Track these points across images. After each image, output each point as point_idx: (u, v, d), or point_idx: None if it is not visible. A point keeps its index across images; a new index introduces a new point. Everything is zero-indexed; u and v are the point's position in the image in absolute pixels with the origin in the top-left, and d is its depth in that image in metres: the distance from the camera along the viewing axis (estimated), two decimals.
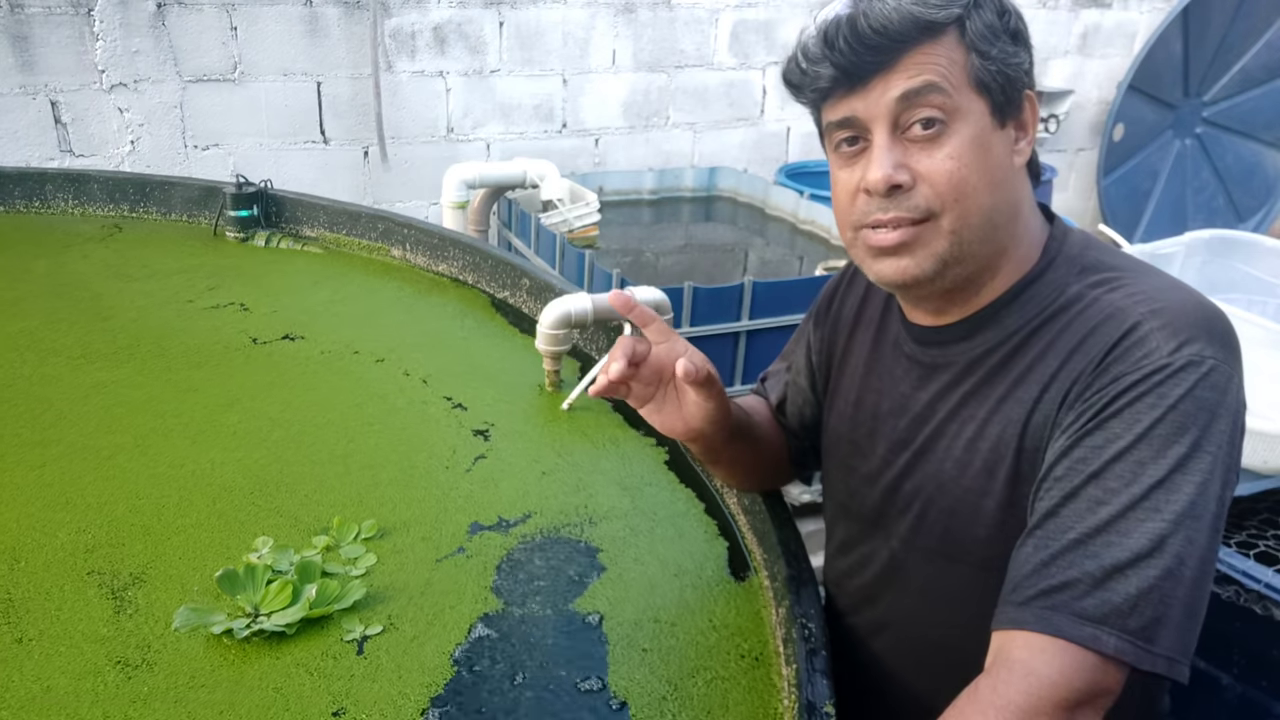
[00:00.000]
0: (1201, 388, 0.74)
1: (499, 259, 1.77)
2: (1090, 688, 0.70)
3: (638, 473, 1.25)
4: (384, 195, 3.34)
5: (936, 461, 0.90)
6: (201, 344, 1.50)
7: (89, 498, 1.09)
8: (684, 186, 3.52)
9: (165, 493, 1.10)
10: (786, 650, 0.92)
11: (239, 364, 1.43)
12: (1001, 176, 0.83)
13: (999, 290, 0.87)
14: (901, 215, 0.82)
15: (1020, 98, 0.84)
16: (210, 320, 1.59)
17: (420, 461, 1.20)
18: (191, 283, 1.76)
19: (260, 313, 1.63)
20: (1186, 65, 4.60)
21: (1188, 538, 0.71)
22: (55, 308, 1.62)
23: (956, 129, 0.80)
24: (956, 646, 0.91)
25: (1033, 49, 0.86)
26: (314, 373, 1.42)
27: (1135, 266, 0.85)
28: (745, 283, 2.28)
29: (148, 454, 1.16)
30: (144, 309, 1.63)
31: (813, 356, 1.09)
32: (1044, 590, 0.73)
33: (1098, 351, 0.78)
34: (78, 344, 1.47)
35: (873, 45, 0.79)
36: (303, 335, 1.54)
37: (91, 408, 1.27)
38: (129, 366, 1.40)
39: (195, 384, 1.36)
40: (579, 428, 1.33)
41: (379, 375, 1.43)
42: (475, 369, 1.48)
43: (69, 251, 1.90)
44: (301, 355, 1.47)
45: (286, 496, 1.10)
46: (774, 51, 3.79)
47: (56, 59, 2.79)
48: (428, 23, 3.20)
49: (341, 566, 1.00)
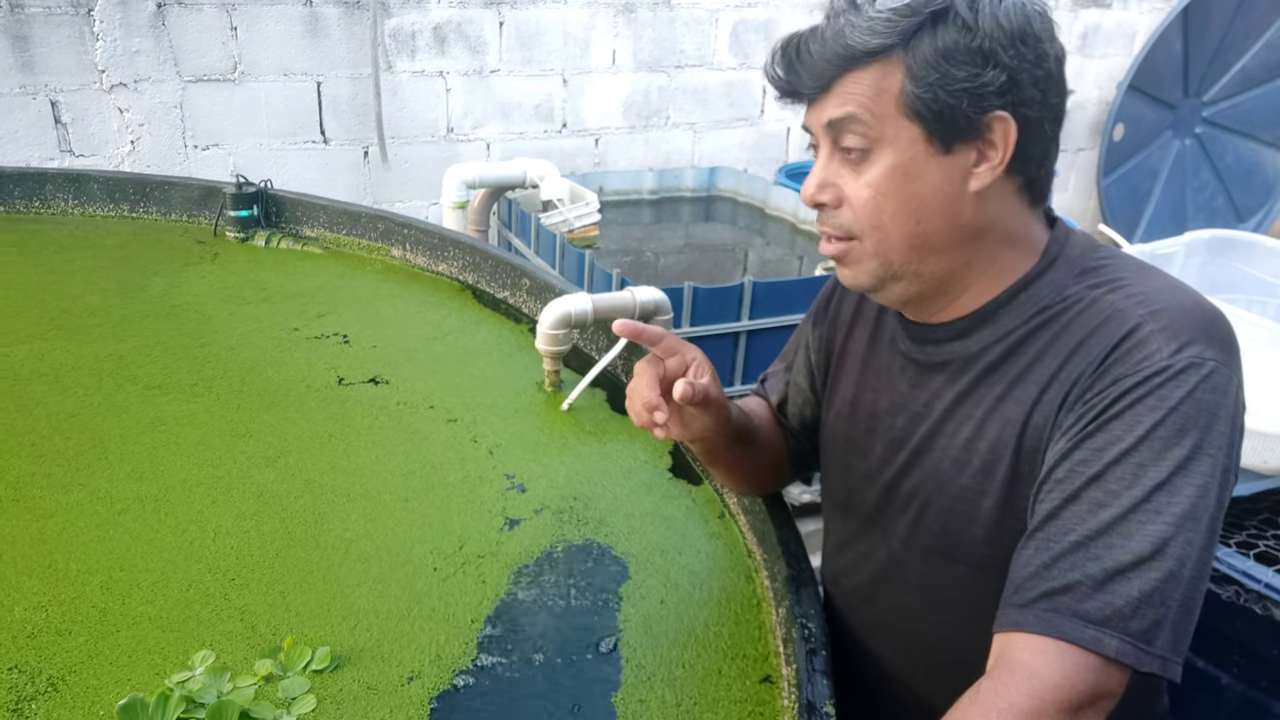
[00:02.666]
0: (1202, 390, 0.74)
1: (499, 259, 1.77)
2: (1092, 690, 0.70)
3: (639, 474, 1.25)
4: (384, 195, 3.34)
5: (934, 460, 0.90)
6: (285, 381, 1.42)
7: (72, 565, 1.01)
8: (684, 186, 3.52)
9: (148, 569, 1.01)
10: (786, 650, 0.92)
11: (311, 408, 1.35)
12: (934, 204, 0.82)
13: (995, 291, 0.87)
14: (828, 230, 0.87)
15: (978, 121, 0.79)
16: (307, 353, 1.52)
17: (420, 557, 1.05)
18: (304, 308, 1.69)
19: (360, 347, 1.55)
20: (1186, 65, 4.60)
21: (1188, 539, 0.72)
22: (158, 330, 1.57)
23: (879, 157, 0.81)
24: (954, 645, 0.91)
25: (1031, 65, 0.79)
26: (380, 427, 1.31)
27: (1135, 268, 0.85)
28: (745, 283, 2.28)
29: (160, 513, 1.10)
30: (245, 336, 1.57)
31: (812, 356, 1.09)
32: (1046, 592, 0.73)
33: (1098, 353, 0.78)
34: (161, 372, 1.42)
35: (808, 69, 0.82)
36: (389, 379, 1.44)
37: (137, 448, 1.22)
38: (200, 402, 1.35)
39: (255, 428, 1.28)
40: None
41: (444, 439, 1.30)
42: (552, 439, 1.32)
43: (188, 270, 1.84)
44: (377, 404, 1.38)
45: (261, 593, 0.98)
46: None
47: (56, 59, 2.79)
48: (428, 23, 3.20)
49: (273, 711, 0.84)
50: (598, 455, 1.28)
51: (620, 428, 1.36)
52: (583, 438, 1.33)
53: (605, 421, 1.38)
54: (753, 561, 1.09)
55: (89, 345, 1.50)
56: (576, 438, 1.33)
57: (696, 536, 1.13)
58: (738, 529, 1.15)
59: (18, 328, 1.55)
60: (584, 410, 1.40)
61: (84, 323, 1.58)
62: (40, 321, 1.58)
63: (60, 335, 1.53)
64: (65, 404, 1.32)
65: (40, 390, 1.35)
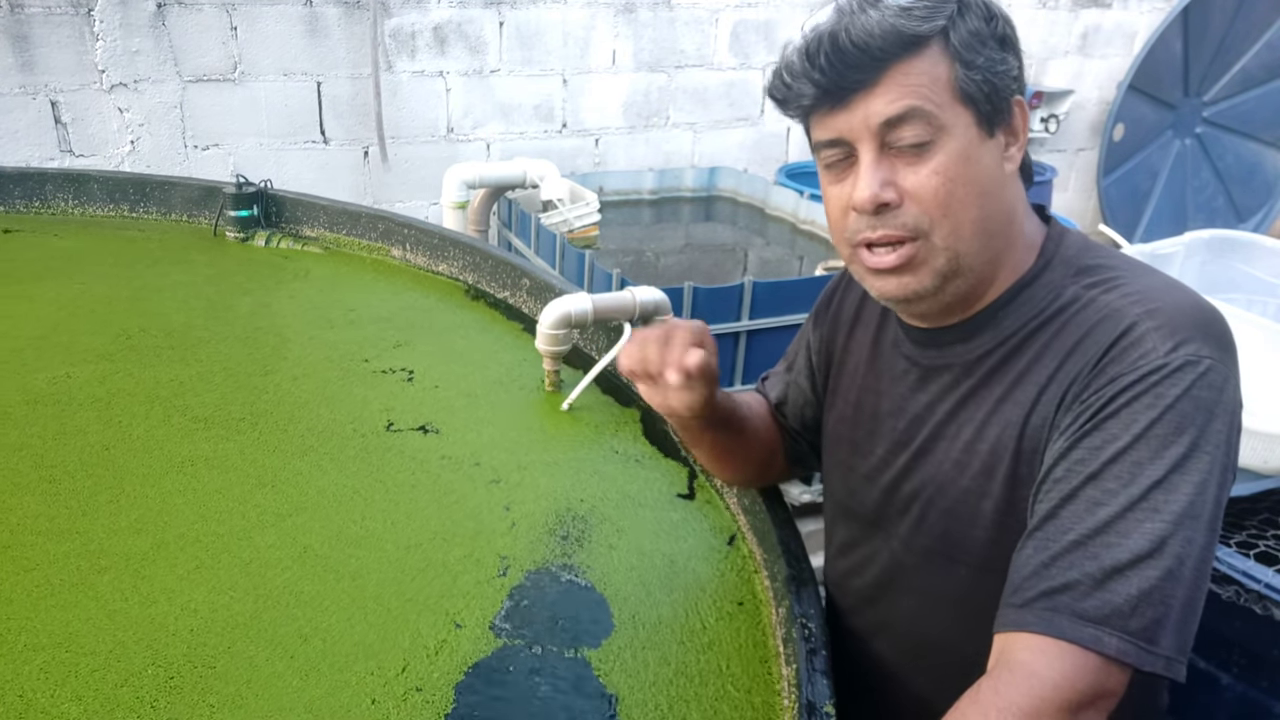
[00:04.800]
0: (1198, 387, 0.74)
1: (499, 259, 1.77)
2: (1093, 689, 0.70)
3: (641, 478, 1.25)
4: (384, 195, 3.35)
5: (935, 463, 0.90)
6: (334, 421, 1.32)
7: (21, 638, 0.91)
8: (684, 186, 3.52)
9: (94, 652, 0.90)
10: (786, 650, 0.92)
11: (348, 456, 1.24)
12: (991, 186, 0.82)
13: (995, 293, 0.87)
14: (890, 233, 0.82)
15: (1008, 105, 0.82)
16: (366, 390, 1.42)
17: (358, 680, 0.89)
18: (382, 335, 1.60)
19: (422, 386, 1.44)
20: (1186, 65, 4.60)
21: (1187, 538, 0.72)
22: (230, 355, 1.49)
23: (942, 145, 0.80)
24: (956, 646, 0.91)
25: (1022, 54, 0.84)
26: (413, 485, 1.19)
27: (1131, 266, 0.85)
28: (745, 283, 2.28)
29: (139, 576, 1.00)
30: (313, 365, 1.48)
31: (813, 357, 1.09)
32: (1044, 592, 0.73)
33: (1094, 353, 0.78)
34: (214, 404, 1.35)
35: (854, 63, 0.78)
36: (439, 429, 1.32)
37: (153, 493, 1.15)
38: (239, 440, 1.26)
39: (281, 477, 1.19)
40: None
41: (478, 504, 1.16)
42: (607, 515, 1.15)
43: (280, 289, 1.77)
44: (420, 456, 1.25)
45: (190, 705, 0.85)
46: (774, 51, 3.79)
47: (56, 59, 2.79)
48: (428, 23, 3.20)
49: None
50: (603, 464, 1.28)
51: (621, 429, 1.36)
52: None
53: (609, 429, 1.38)
54: (753, 561, 1.09)
55: (154, 369, 1.44)
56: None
57: (696, 536, 1.13)
58: (738, 529, 1.15)
59: (93, 346, 1.50)
60: (584, 410, 1.39)
61: (158, 344, 1.52)
62: (115, 340, 1.52)
63: (130, 356, 1.47)
64: (103, 435, 1.26)
65: (85, 418, 1.29)
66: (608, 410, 1.41)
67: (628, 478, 1.24)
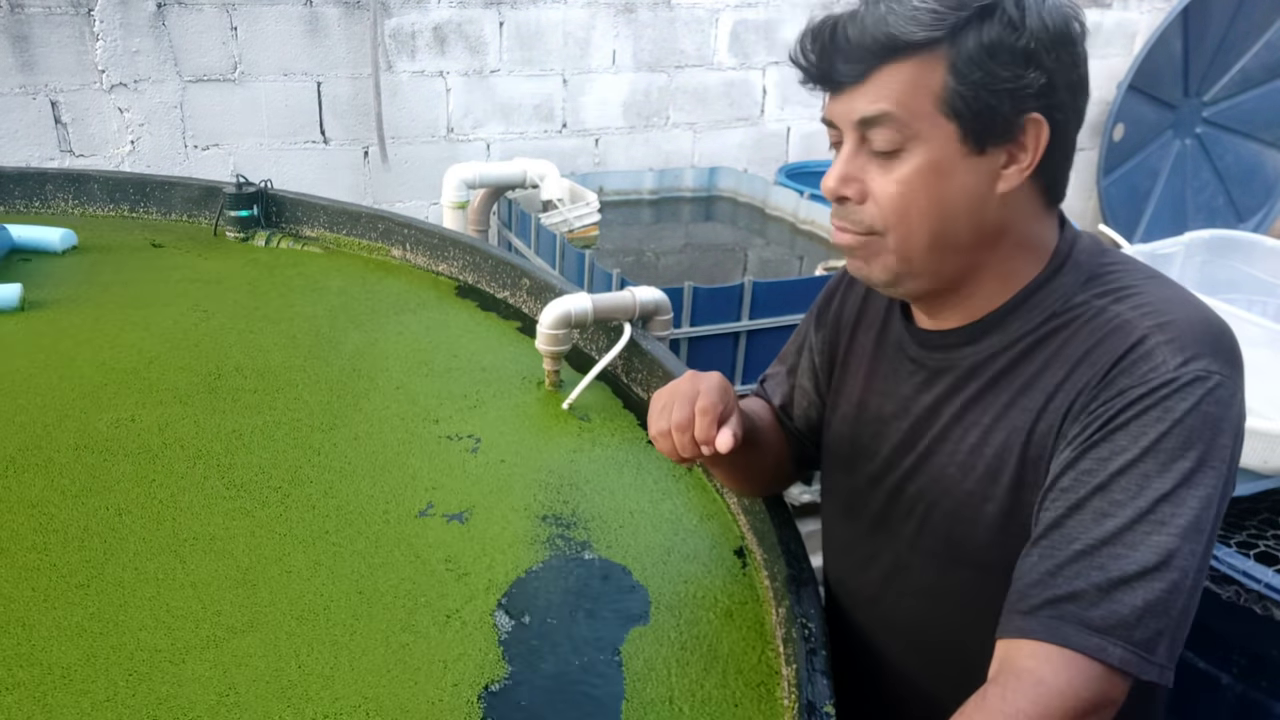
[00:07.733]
0: (1207, 403, 0.74)
1: (499, 259, 1.77)
2: (1097, 698, 0.71)
3: (640, 475, 1.25)
4: (384, 195, 3.34)
5: (940, 465, 0.90)
6: (369, 500, 1.16)
7: None
8: (684, 186, 3.52)
9: None
10: (786, 650, 0.92)
11: (359, 550, 1.06)
12: (962, 203, 0.81)
13: (1003, 296, 0.87)
14: (846, 226, 0.85)
15: (1012, 121, 0.78)
16: (421, 460, 1.25)
17: None
18: (468, 391, 1.43)
19: (487, 459, 1.26)
20: (1186, 65, 4.60)
21: (1191, 551, 0.72)
22: (309, 402, 1.37)
23: (912, 154, 0.80)
24: (959, 645, 0.91)
25: (1077, 66, 0.79)
26: (405, 609, 0.99)
27: (1143, 276, 0.84)
28: (745, 283, 2.28)
29: (41, 705, 0.84)
30: (381, 423, 1.33)
31: (815, 358, 1.09)
32: (1050, 600, 0.74)
33: (1104, 364, 0.78)
34: (259, 466, 1.21)
35: (845, 56, 0.79)
36: (482, 518, 1.14)
37: (131, 579, 1.00)
38: (257, 517, 1.11)
39: (269, 575, 1.02)
40: None
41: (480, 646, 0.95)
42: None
43: (404, 317, 1.66)
44: (435, 557, 1.06)
45: None
46: (774, 51, 3.79)
47: (56, 59, 2.79)
48: (428, 23, 3.20)
49: None
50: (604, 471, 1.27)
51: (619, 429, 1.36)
52: None
53: (614, 439, 1.37)
54: (753, 561, 1.09)
55: (223, 416, 1.32)
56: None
57: (696, 536, 1.13)
58: (738, 529, 1.15)
59: (175, 385, 1.39)
60: (585, 410, 1.39)
61: (242, 386, 1.40)
62: (202, 379, 1.41)
63: (206, 400, 1.36)
64: (126, 497, 1.14)
65: (121, 472, 1.18)
66: (608, 410, 1.41)
67: (628, 477, 1.24)
